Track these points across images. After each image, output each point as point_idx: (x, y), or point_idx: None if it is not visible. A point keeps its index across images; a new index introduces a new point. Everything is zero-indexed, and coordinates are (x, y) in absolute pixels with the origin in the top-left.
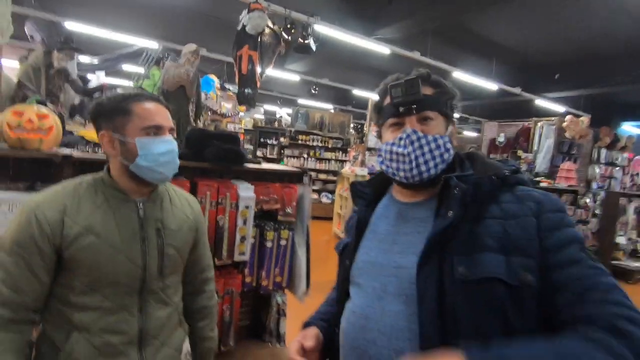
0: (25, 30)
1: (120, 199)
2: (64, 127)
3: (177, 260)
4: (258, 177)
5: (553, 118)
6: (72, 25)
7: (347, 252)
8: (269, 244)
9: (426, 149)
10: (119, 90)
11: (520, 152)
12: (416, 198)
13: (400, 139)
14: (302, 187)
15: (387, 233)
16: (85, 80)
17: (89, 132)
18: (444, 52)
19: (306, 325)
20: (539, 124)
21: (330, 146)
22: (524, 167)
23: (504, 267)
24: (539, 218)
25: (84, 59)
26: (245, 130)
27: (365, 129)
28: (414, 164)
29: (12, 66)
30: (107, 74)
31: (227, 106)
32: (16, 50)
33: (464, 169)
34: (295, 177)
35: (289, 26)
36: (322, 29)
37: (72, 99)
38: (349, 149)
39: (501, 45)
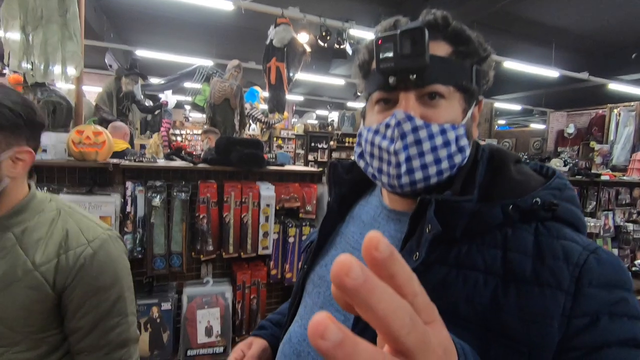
0: (105, 60)
1: None
2: (133, 142)
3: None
4: (280, 178)
5: (633, 103)
6: (142, 53)
7: (308, 253)
8: (291, 239)
9: (426, 146)
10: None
11: (593, 144)
12: (406, 207)
13: (387, 126)
14: (322, 186)
15: (356, 247)
16: (156, 99)
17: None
18: (493, 43)
19: (259, 328)
20: (615, 110)
21: None
22: (598, 160)
23: None
24: (576, 294)
25: (154, 80)
26: (296, 135)
27: None
28: (403, 168)
29: (93, 91)
30: (173, 93)
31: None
32: (97, 78)
33: (474, 178)
34: (315, 177)
35: (324, 33)
36: (358, 32)
37: (140, 117)
38: None
39: (558, 29)
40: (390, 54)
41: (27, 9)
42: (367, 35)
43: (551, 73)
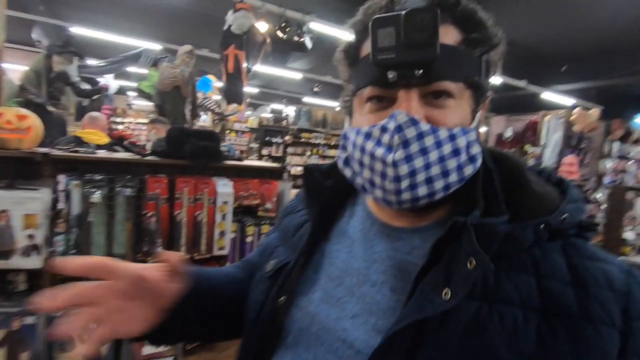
0: (32, 35)
1: None
2: (66, 129)
3: None
4: (238, 174)
5: (561, 111)
6: (79, 30)
7: (282, 281)
8: (249, 239)
9: (433, 156)
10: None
11: (527, 147)
12: (405, 222)
13: (383, 129)
14: (283, 183)
15: (345, 269)
16: (93, 83)
17: (86, 133)
18: None
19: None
20: (547, 117)
21: (333, 144)
22: (531, 162)
23: None
24: (627, 331)
25: (92, 62)
26: (251, 129)
27: None
28: (405, 183)
29: (16, 69)
30: (115, 77)
31: (232, 105)
32: (23, 55)
33: (490, 194)
34: (275, 174)
35: (283, 24)
36: (319, 26)
37: (75, 101)
38: None
39: (505, 39)
40: (392, 42)
41: None
42: (327, 29)
43: (495, 79)
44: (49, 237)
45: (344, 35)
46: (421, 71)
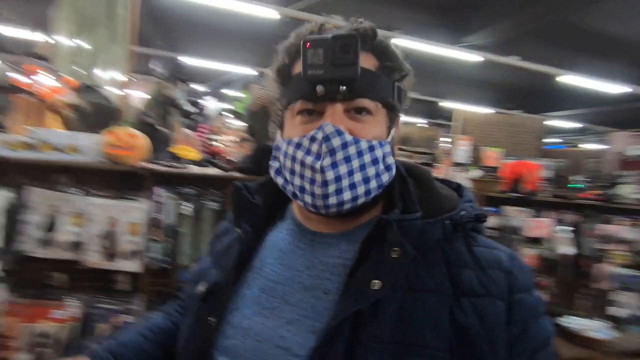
0: (150, 66)
1: None
2: (168, 146)
3: None
4: None
5: None
6: (186, 60)
7: (213, 301)
8: None
9: (355, 164)
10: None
11: None
12: (331, 228)
13: (312, 139)
14: None
15: (278, 280)
16: (196, 105)
17: (181, 149)
18: (550, 55)
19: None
20: None
21: (416, 162)
22: None
23: None
24: (511, 301)
25: (195, 86)
26: None
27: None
28: (331, 187)
29: (136, 95)
30: (214, 99)
31: None
32: (144, 83)
33: (406, 196)
34: None
35: None
36: (404, 42)
37: (178, 121)
38: (436, 165)
39: (626, 41)
40: (320, 61)
41: (78, 14)
42: (411, 45)
43: (615, 88)
44: (146, 244)
45: (431, 49)
46: (345, 87)
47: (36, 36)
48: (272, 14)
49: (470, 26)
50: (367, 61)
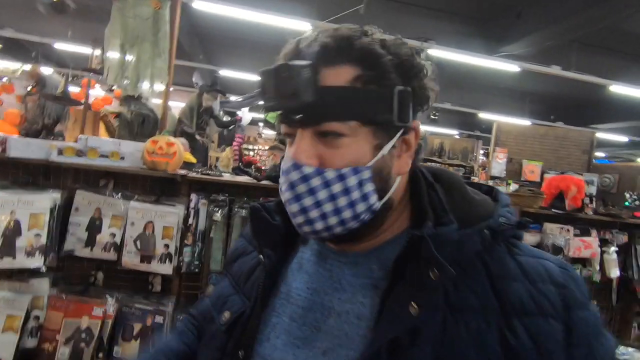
0: (193, 79)
1: None
2: (207, 154)
3: None
4: None
5: None
6: (225, 72)
7: (240, 332)
8: None
9: (322, 195)
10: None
11: None
12: (357, 246)
13: (284, 173)
14: None
15: (307, 306)
16: (232, 115)
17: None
18: (595, 63)
19: None
20: None
21: None
22: None
23: None
24: (569, 320)
25: (233, 97)
26: None
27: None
28: (300, 218)
29: (177, 106)
30: (250, 110)
31: None
32: (186, 95)
33: (437, 205)
34: None
35: None
36: (438, 52)
37: (216, 131)
38: (472, 177)
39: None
40: (271, 92)
41: (127, 30)
42: (446, 55)
43: None
44: (178, 247)
45: (467, 59)
46: (300, 115)
47: (93, 52)
48: (305, 26)
49: (509, 36)
50: (339, 76)
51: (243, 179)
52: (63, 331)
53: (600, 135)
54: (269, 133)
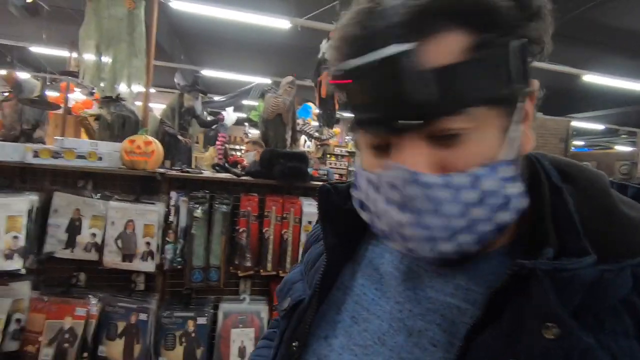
0: (174, 79)
1: None
2: (191, 155)
3: None
4: None
5: None
6: (207, 72)
7: (297, 322)
8: None
9: (452, 209)
10: None
11: None
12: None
13: (392, 186)
14: None
15: (372, 310)
16: (215, 115)
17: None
18: (570, 55)
19: None
20: None
21: None
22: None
23: None
24: None
25: (216, 97)
26: (349, 152)
27: None
28: (424, 246)
29: (158, 107)
30: (235, 110)
31: (331, 131)
32: (168, 95)
33: (562, 222)
34: None
35: None
36: None
37: (199, 131)
38: None
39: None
40: (365, 99)
41: (101, 30)
42: None
43: None
44: (160, 245)
45: None
46: (410, 121)
47: (71, 55)
48: (283, 24)
49: None
50: (448, 48)
51: (223, 175)
52: (46, 333)
53: (577, 123)
54: (255, 132)
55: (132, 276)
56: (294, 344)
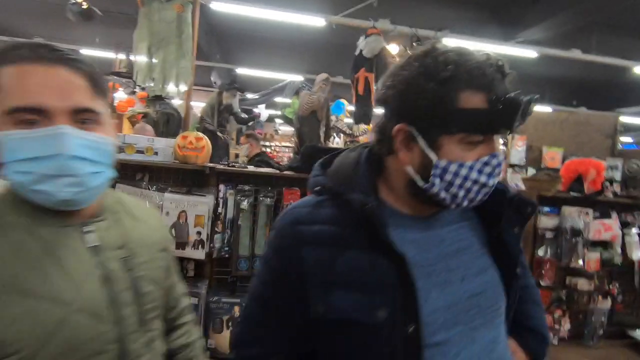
0: (211, 78)
1: (48, 225)
2: (228, 149)
3: (157, 297)
4: None
5: None
6: (242, 70)
7: (392, 319)
8: None
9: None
10: None
11: None
12: (432, 208)
13: (486, 164)
14: None
15: (428, 263)
16: (250, 112)
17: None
18: (618, 45)
19: None
20: None
21: None
22: None
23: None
24: None
25: (250, 95)
26: None
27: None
28: (487, 193)
29: (198, 105)
30: (266, 107)
31: (363, 126)
32: (205, 94)
33: None
34: None
35: (414, 44)
36: (453, 41)
37: (235, 128)
38: None
39: None
40: (515, 110)
41: (153, 33)
42: (462, 43)
43: None
44: (209, 235)
45: (480, 46)
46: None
47: (118, 57)
48: (317, 21)
49: (526, 21)
50: None
51: (267, 170)
52: None
53: (626, 119)
54: (286, 129)
55: (184, 263)
56: (409, 328)
